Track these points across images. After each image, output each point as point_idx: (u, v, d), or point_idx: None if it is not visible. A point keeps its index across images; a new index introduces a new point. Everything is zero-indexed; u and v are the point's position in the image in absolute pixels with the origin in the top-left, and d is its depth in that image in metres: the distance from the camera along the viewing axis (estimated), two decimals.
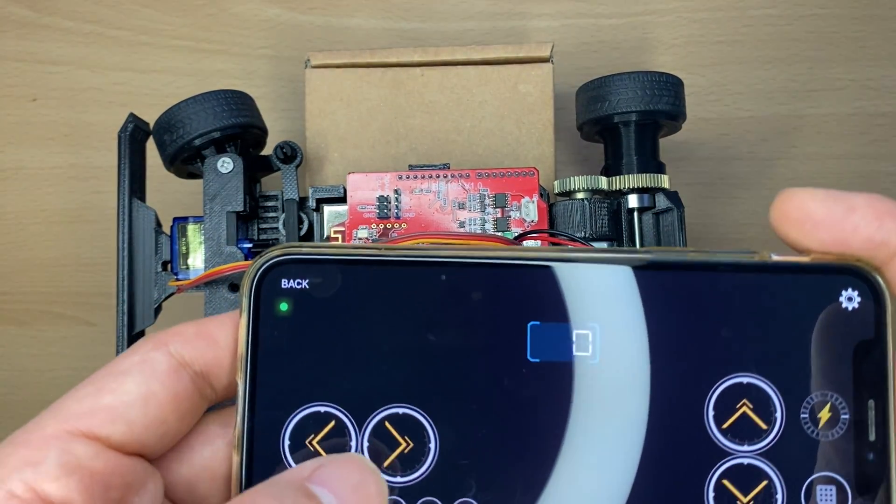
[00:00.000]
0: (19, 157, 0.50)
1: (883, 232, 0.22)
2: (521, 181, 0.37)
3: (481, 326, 0.24)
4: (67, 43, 0.51)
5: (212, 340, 0.24)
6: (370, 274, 0.24)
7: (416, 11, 0.51)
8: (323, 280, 0.24)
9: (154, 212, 0.39)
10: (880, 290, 0.23)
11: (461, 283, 0.24)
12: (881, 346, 0.23)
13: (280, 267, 0.24)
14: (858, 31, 0.50)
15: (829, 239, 0.23)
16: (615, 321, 0.24)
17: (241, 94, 0.40)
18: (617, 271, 0.24)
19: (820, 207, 0.22)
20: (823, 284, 0.23)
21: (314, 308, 0.24)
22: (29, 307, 0.50)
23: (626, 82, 0.39)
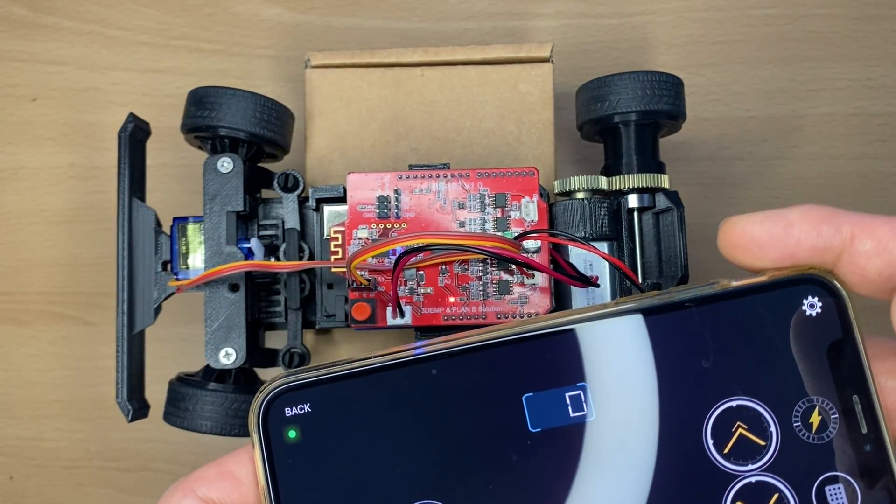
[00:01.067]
0: (19, 157, 0.50)
1: (823, 238, 0.24)
2: (520, 181, 0.37)
3: (480, 409, 0.25)
4: (67, 43, 0.51)
5: (234, 479, 0.25)
6: (366, 384, 0.26)
7: (416, 11, 0.51)
8: (324, 400, 0.26)
9: (154, 212, 0.39)
10: (838, 291, 0.25)
11: (452, 373, 0.25)
12: (851, 342, 0.25)
13: (282, 397, 0.25)
14: (858, 31, 0.50)
15: (778, 256, 0.24)
16: (602, 376, 0.25)
17: (285, 110, 0.41)
18: (592, 329, 0.25)
19: (761, 230, 0.24)
20: (785, 298, 0.25)
21: (321, 429, 0.25)
22: (29, 307, 0.50)
23: (626, 82, 0.39)
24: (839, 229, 0.23)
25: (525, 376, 0.25)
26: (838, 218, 0.24)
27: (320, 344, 0.43)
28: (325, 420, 0.25)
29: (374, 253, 0.36)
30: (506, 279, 0.37)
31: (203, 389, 0.38)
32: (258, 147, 0.40)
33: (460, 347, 0.26)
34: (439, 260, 0.36)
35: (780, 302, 0.25)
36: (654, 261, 0.39)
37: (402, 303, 0.37)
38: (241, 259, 0.38)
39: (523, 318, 0.26)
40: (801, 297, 0.25)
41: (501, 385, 0.25)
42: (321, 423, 0.25)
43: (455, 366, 0.25)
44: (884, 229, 0.23)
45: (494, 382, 0.25)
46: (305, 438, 0.25)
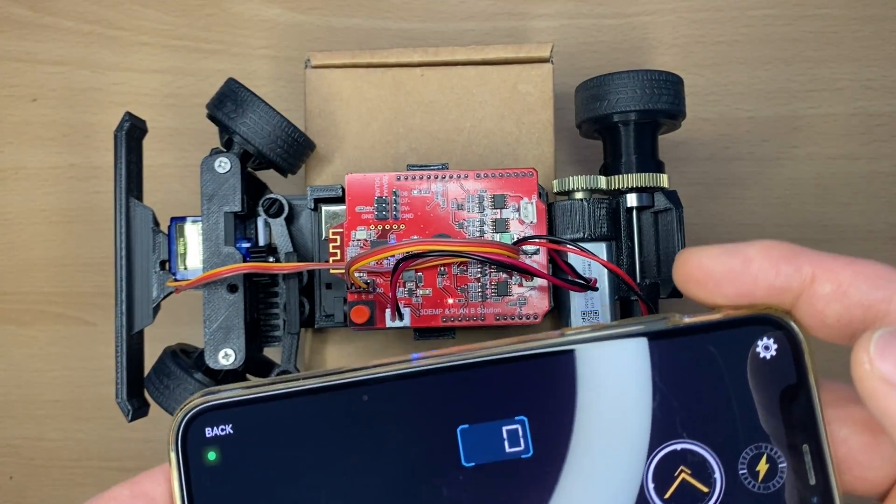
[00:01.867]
0: (19, 157, 0.50)
1: (782, 278, 0.22)
2: (519, 182, 0.37)
3: (412, 439, 0.24)
4: (67, 43, 0.51)
5: (148, 500, 0.24)
6: (292, 407, 0.24)
7: (416, 11, 0.51)
8: (247, 422, 0.24)
9: (151, 211, 0.39)
10: (794, 334, 0.23)
11: (384, 400, 0.24)
12: (805, 389, 0.23)
13: (202, 416, 0.24)
14: (858, 31, 0.50)
15: (734, 293, 0.23)
16: (542, 411, 0.24)
17: (307, 142, 0.40)
18: (535, 362, 0.24)
19: (717, 265, 0.23)
20: (739, 337, 0.24)
21: (242, 451, 0.24)
22: (29, 307, 0.50)
23: (625, 81, 0.39)
24: (799, 269, 0.22)
25: (462, 407, 0.24)
26: (799, 257, 0.23)
27: (319, 343, 0.43)
28: (247, 443, 0.24)
29: (372, 259, 0.36)
30: (504, 281, 0.37)
31: (189, 375, 0.38)
32: (262, 161, 0.40)
33: (394, 373, 0.24)
34: (438, 262, 0.36)
35: (734, 342, 0.24)
36: (653, 260, 0.39)
37: (401, 305, 0.37)
38: (239, 259, 0.38)
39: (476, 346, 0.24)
40: (755, 337, 0.24)
41: (436, 415, 0.24)
42: (243, 445, 0.24)
43: (388, 392, 0.24)
44: (845, 272, 0.22)
45: (429, 412, 0.24)
46: (225, 461, 0.24)
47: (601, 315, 0.38)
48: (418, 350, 0.42)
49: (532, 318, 0.37)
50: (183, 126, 0.50)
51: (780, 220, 0.49)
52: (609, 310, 0.38)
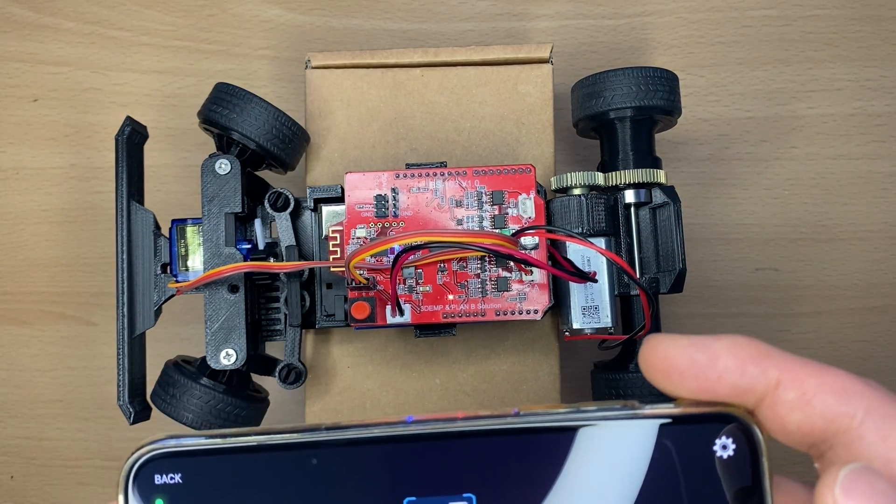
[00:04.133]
0: (20, 158, 0.50)
1: (746, 379, 0.22)
2: (517, 178, 0.38)
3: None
4: (68, 43, 0.51)
5: None
6: (241, 462, 0.24)
7: (416, 12, 0.51)
8: (196, 472, 0.24)
9: (152, 214, 0.39)
10: (755, 436, 0.23)
11: (332, 465, 0.24)
12: (760, 493, 0.23)
13: (154, 462, 0.24)
14: (857, 32, 0.50)
15: (697, 387, 0.22)
16: (491, 489, 0.23)
17: (302, 132, 0.40)
18: (487, 439, 0.24)
19: (683, 357, 0.22)
20: (697, 433, 0.23)
21: (189, 501, 0.24)
22: (29, 307, 0.50)
23: (620, 78, 0.39)
24: (766, 372, 0.22)
25: (410, 479, 0.24)
26: (767, 359, 0.22)
27: (320, 343, 0.43)
28: (195, 493, 0.24)
29: (372, 251, 0.36)
30: (504, 276, 0.37)
31: (194, 382, 0.38)
32: (262, 158, 0.40)
33: (346, 438, 0.24)
34: (438, 258, 0.37)
35: (691, 437, 0.23)
36: (652, 256, 0.39)
37: (402, 301, 0.37)
38: (240, 260, 0.38)
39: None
40: (714, 435, 0.23)
41: (384, 484, 0.24)
42: (190, 495, 0.24)
43: (337, 457, 0.24)
44: (810, 381, 0.21)
45: (377, 480, 0.24)
46: None
47: (601, 310, 0.38)
48: (418, 348, 0.42)
49: (532, 313, 0.37)
50: (183, 126, 0.50)
51: (778, 220, 0.49)
52: (609, 305, 0.38)
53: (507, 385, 0.42)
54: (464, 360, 0.42)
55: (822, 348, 0.49)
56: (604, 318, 0.38)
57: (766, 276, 0.49)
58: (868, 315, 0.49)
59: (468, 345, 0.42)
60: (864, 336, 0.49)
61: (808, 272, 0.49)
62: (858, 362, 0.48)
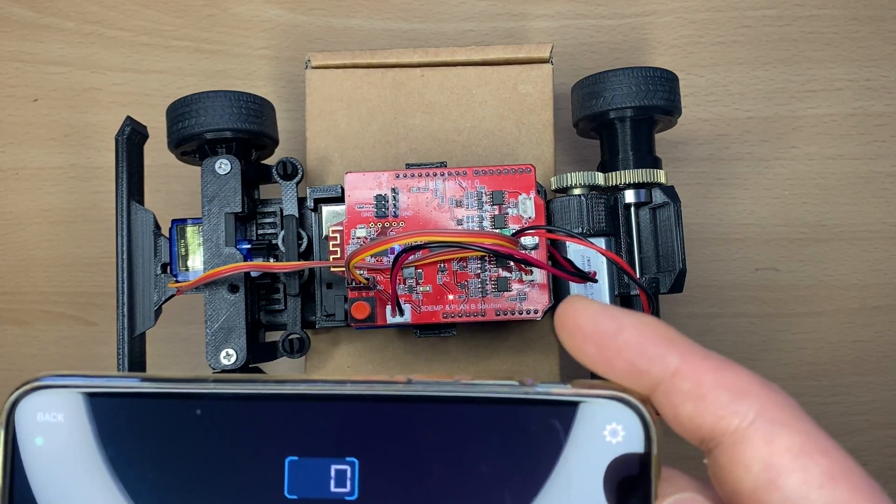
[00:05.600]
0: (20, 157, 0.50)
1: (644, 359, 0.22)
2: (518, 178, 0.38)
3: (238, 462, 0.23)
4: (68, 43, 0.51)
5: None
6: (125, 406, 0.24)
7: (416, 12, 0.51)
8: (77, 412, 0.23)
9: (153, 214, 0.39)
10: (647, 424, 0.22)
11: (217, 417, 0.23)
12: (646, 480, 0.22)
13: (33, 397, 0.23)
14: (857, 32, 0.50)
15: (595, 354, 0.22)
16: (375, 456, 0.23)
17: (263, 101, 0.41)
18: (376, 405, 0.23)
19: (591, 322, 0.22)
20: (588, 417, 0.22)
21: (70, 440, 0.23)
22: (29, 307, 0.50)
23: (620, 78, 0.39)
24: (664, 357, 0.21)
25: (294, 438, 0.23)
26: (671, 346, 0.22)
27: (320, 343, 0.43)
28: (76, 432, 0.23)
29: (372, 251, 0.36)
30: (504, 276, 0.37)
31: None
32: (247, 143, 0.40)
33: (231, 392, 0.23)
34: (438, 258, 0.37)
35: (581, 420, 0.22)
36: (652, 256, 0.39)
37: (402, 301, 0.37)
38: (240, 260, 0.38)
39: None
40: (605, 420, 0.22)
41: (267, 442, 0.23)
42: (71, 434, 0.23)
43: (222, 410, 0.23)
44: (708, 376, 0.21)
45: (260, 437, 0.23)
46: (51, 446, 0.23)
47: None
48: (418, 348, 0.42)
49: (532, 313, 0.37)
50: None
51: (778, 220, 0.49)
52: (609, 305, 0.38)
53: None
54: (464, 360, 0.42)
55: (822, 348, 0.49)
56: None
57: (766, 276, 0.49)
58: (868, 315, 0.49)
59: (468, 345, 0.42)
60: (864, 336, 0.49)
61: (808, 272, 0.49)
62: (858, 362, 0.49)
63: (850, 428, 0.48)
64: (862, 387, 0.49)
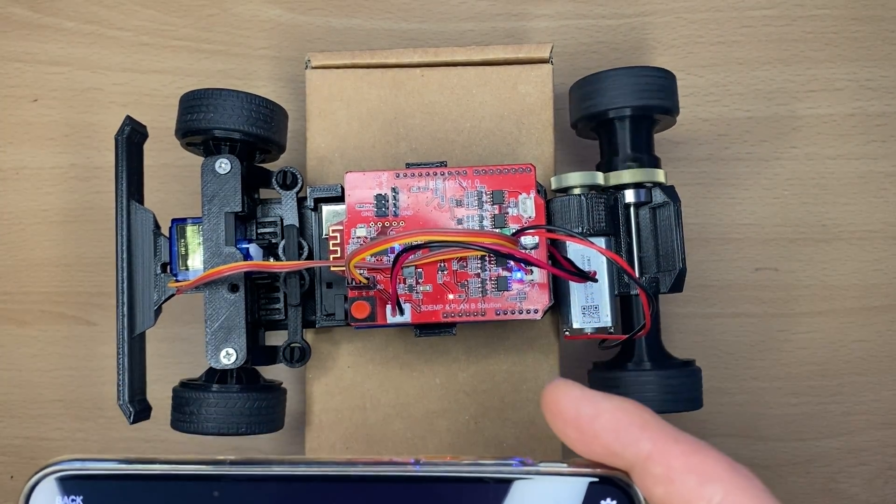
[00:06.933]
0: (20, 157, 0.50)
1: (618, 445, 0.23)
2: (518, 178, 0.38)
3: None
4: (68, 43, 0.51)
5: None
6: (144, 489, 0.24)
7: (416, 12, 0.51)
8: (98, 495, 0.24)
9: (152, 214, 0.39)
10: (636, 499, 0.23)
11: (233, 498, 0.24)
12: None
13: (54, 482, 0.24)
14: (857, 32, 0.50)
15: (576, 438, 0.23)
16: None
17: (277, 107, 0.41)
18: (385, 485, 0.24)
19: (571, 407, 0.23)
20: (585, 493, 0.24)
21: None
22: (29, 307, 0.50)
23: (618, 78, 0.39)
24: (637, 443, 0.23)
25: None
26: (643, 431, 0.23)
27: (320, 343, 0.43)
28: None
29: (372, 251, 0.36)
30: (504, 276, 0.37)
31: (206, 392, 0.38)
32: (253, 146, 0.40)
33: (247, 474, 0.24)
34: (438, 257, 0.37)
35: (579, 496, 0.24)
36: (652, 255, 0.39)
37: (402, 300, 0.37)
38: (240, 259, 0.38)
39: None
40: (600, 496, 0.23)
41: None
42: None
43: (238, 492, 0.24)
44: (678, 461, 0.22)
45: None
46: None
47: (601, 310, 0.38)
48: (419, 348, 0.42)
49: (532, 312, 0.37)
50: None
51: (778, 220, 0.49)
52: (609, 305, 0.38)
53: (507, 385, 0.42)
54: (464, 359, 0.42)
55: (822, 348, 0.49)
56: (604, 318, 0.38)
57: (766, 276, 0.49)
58: (868, 315, 0.49)
59: (468, 344, 0.42)
60: (864, 336, 0.49)
61: (808, 272, 0.49)
62: (858, 362, 0.48)
63: (850, 428, 0.48)
64: (862, 387, 0.49)
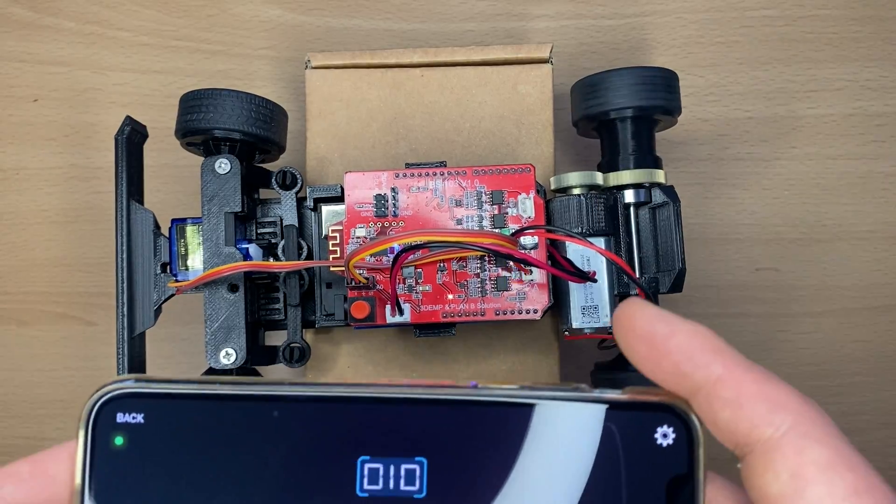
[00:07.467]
0: (20, 158, 0.51)
1: (689, 365, 0.23)
2: (517, 178, 0.38)
3: (313, 461, 0.24)
4: (68, 44, 0.51)
5: (47, 478, 0.25)
6: (204, 408, 0.25)
7: (416, 12, 0.51)
8: (159, 414, 0.24)
9: (152, 214, 0.39)
10: (694, 429, 0.24)
11: (293, 419, 0.25)
12: (692, 482, 0.24)
13: (116, 401, 0.24)
14: (857, 32, 0.50)
15: (645, 354, 0.24)
16: (443, 457, 0.24)
17: (277, 108, 0.41)
18: (444, 408, 0.25)
19: (645, 324, 0.23)
20: (641, 420, 0.24)
21: (149, 441, 0.24)
22: (29, 307, 0.50)
23: (620, 78, 0.39)
24: (709, 366, 0.23)
25: (367, 439, 0.24)
26: (717, 356, 0.23)
27: (320, 343, 0.43)
28: (156, 434, 0.24)
29: (372, 251, 0.36)
30: (504, 276, 0.37)
31: None
32: (253, 146, 0.40)
33: (308, 394, 0.25)
34: (437, 258, 0.37)
35: (635, 423, 0.24)
36: (652, 255, 0.39)
37: (401, 300, 0.37)
38: (239, 259, 0.38)
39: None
40: (656, 423, 0.24)
41: (340, 442, 0.24)
42: (151, 435, 0.24)
43: (298, 412, 0.25)
44: (749, 387, 0.22)
45: (334, 438, 0.25)
46: (131, 447, 0.24)
47: (601, 310, 0.38)
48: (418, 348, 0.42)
49: (532, 312, 0.37)
50: None
51: (778, 220, 0.49)
52: (608, 305, 0.38)
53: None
54: (464, 359, 0.42)
55: (822, 348, 0.49)
56: (603, 318, 0.38)
57: (766, 276, 0.49)
58: (868, 315, 0.49)
59: (468, 345, 0.42)
60: (864, 336, 0.49)
61: (808, 272, 0.49)
62: (858, 362, 0.48)
63: (850, 428, 0.48)
64: (862, 387, 0.49)
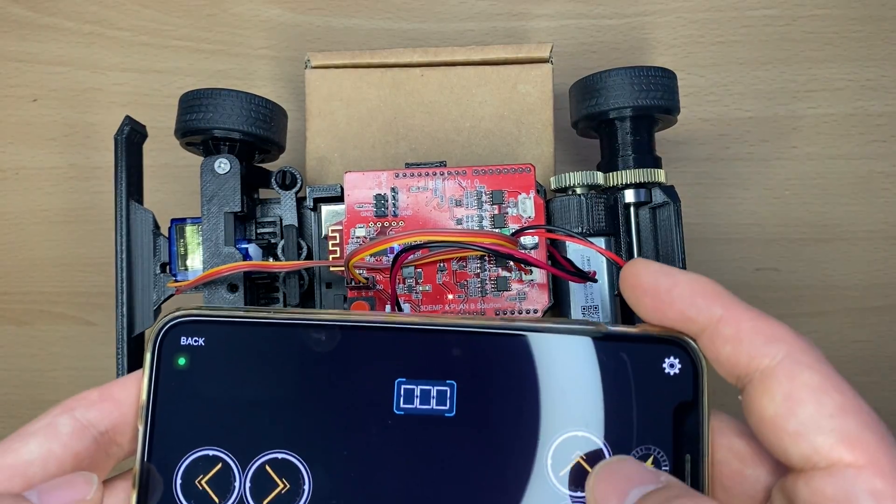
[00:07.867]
0: (20, 157, 0.50)
1: (693, 309, 0.25)
2: (517, 178, 0.38)
3: (355, 382, 0.28)
4: (68, 43, 0.51)
5: (115, 402, 0.27)
6: (258, 334, 0.28)
7: (415, 12, 0.51)
8: (218, 338, 0.28)
9: (152, 214, 0.39)
10: (698, 359, 0.27)
11: (338, 343, 0.28)
12: (697, 407, 0.27)
13: (180, 326, 0.28)
14: (857, 32, 0.50)
15: (651, 305, 0.26)
16: (472, 380, 0.27)
17: (276, 107, 0.41)
18: (473, 336, 0.28)
19: (649, 279, 0.26)
20: (650, 352, 0.27)
21: (208, 362, 0.28)
22: (29, 307, 0.50)
23: (619, 77, 0.39)
24: (710, 308, 0.25)
25: (404, 363, 0.27)
26: (717, 299, 0.25)
27: None
28: (215, 355, 0.28)
29: (371, 251, 0.36)
30: (504, 276, 0.37)
31: None
32: (253, 146, 0.40)
33: (352, 323, 0.28)
34: (437, 257, 0.36)
35: (646, 355, 0.27)
36: (652, 255, 0.39)
37: (401, 300, 0.37)
38: (239, 259, 0.38)
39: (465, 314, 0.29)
40: (664, 355, 0.27)
41: (380, 365, 0.27)
42: (210, 357, 0.28)
43: (343, 337, 0.28)
44: (747, 324, 0.25)
45: (374, 361, 0.27)
46: (192, 368, 0.27)
47: (601, 310, 0.38)
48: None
49: (532, 312, 0.37)
50: None
51: (779, 219, 0.49)
52: (609, 304, 0.38)
53: None
54: None
55: (823, 348, 0.48)
56: (603, 318, 0.38)
57: (767, 276, 0.49)
58: (868, 315, 0.49)
59: None
60: (864, 336, 0.49)
61: (808, 272, 0.49)
62: (858, 362, 0.48)
63: None
64: (862, 387, 0.48)
